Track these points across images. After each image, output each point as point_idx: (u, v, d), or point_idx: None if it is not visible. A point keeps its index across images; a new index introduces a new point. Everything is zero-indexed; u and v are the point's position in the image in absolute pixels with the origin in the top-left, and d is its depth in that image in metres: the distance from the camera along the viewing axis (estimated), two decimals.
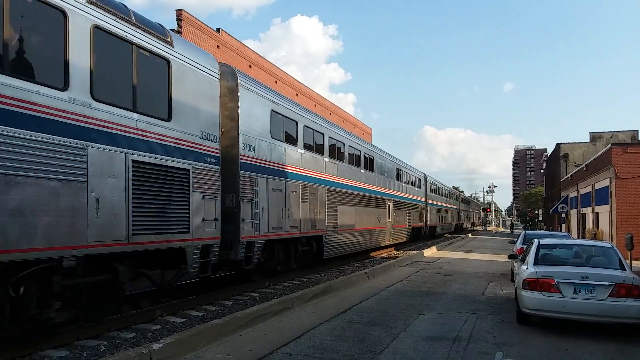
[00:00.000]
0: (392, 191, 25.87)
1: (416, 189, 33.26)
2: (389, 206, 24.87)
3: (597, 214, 29.21)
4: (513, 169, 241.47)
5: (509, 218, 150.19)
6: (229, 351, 6.82)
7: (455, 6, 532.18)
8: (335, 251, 17.14)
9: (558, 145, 51.34)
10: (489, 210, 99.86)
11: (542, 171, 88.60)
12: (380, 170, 23.77)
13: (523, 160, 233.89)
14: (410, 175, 31.56)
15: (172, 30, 8.95)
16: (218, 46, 28.80)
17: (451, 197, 53.72)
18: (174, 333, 7.28)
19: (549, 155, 71.70)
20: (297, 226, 13.87)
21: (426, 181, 37.14)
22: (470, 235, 53.19)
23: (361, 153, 20.67)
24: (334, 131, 17.68)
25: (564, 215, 41.63)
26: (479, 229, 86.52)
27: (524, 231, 20.01)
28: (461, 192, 79.11)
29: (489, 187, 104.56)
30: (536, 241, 10.14)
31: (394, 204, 26.05)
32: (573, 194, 37.92)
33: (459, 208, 61.26)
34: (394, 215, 25.83)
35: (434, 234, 41.35)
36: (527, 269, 8.89)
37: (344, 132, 19.36)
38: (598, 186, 28.37)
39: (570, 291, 8.05)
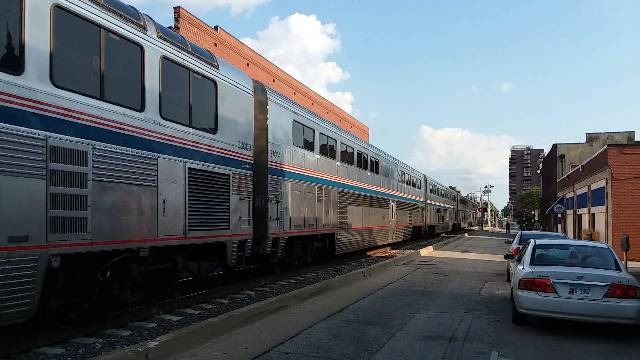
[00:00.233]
0: (395, 192, 27.05)
1: (417, 189, 34.37)
2: (392, 206, 26.03)
3: (593, 214, 29.30)
4: (510, 169, 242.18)
5: (505, 218, 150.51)
6: (225, 349, 6.81)
7: (454, 6, 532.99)
8: (345, 248, 18.48)
9: (555, 146, 51.48)
10: (481, 209, 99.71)
11: (538, 171, 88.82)
12: (385, 173, 25.06)
13: (520, 160, 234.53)
14: (412, 177, 32.82)
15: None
16: (215, 44, 28.70)
17: (449, 198, 54.70)
18: (170, 331, 7.26)
19: (545, 155, 71.89)
20: (314, 224, 15.34)
21: (426, 182, 38.30)
22: (466, 235, 53.29)
23: (368, 157, 22.08)
24: (345, 137, 19.25)
25: (560, 215, 41.75)
26: (476, 228, 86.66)
27: (520, 231, 20.05)
28: (458, 192, 79.33)
29: (486, 187, 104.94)
30: (532, 241, 10.17)
31: (397, 204, 27.19)
32: (569, 195, 38.03)
33: (457, 208, 62.25)
34: (396, 215, 26.93)
35: (433, 233, 42.33)
36: (523, 269, 8.91)
37: (353, 138, 20.89)
38: (594, 187, 28.46)
39: (566, 291, 8.07)
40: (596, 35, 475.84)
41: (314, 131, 15.67)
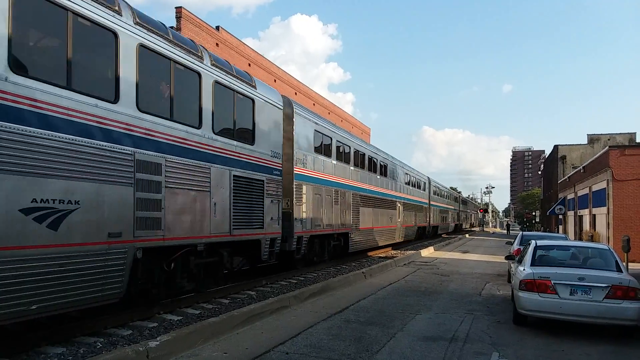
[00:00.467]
0: (401, 194, 28.49)
1: (421, 191, 35.74)
2: (399, 207, 27.45)
3: (594, 215, 29.27)
4: (511, 170, 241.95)
5: (506, 219, 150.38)
6: (225, 349, 6.82)
7: (456, 7, 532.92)
8: (358, 246, 20.03)
9: (556, 147, 51.41)
10: (481, 210, 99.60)
11: (539, 173, 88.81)
12: (393, 176, 26.59)
13: (521, 161, 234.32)
14: (417, 179, 34.31)
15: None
16: (217, 44, 28.72)
17: (451, 199, 55.67)
18: (170, 331, 7.28)
19: (546, 156, 71.84)
20: (331, 224, 16.91)
21: (430, 184, 39.65)
22: (467, 235, 53.23)
23: (377, 161, 23.55)
24: (357, 143, 20.81)
25: (561, 216, 41.71)
26: (477, 229, 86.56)
27: (521, 232, 20.04)
28: (459, 193, 79.32)
29: (487, 188, 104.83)
30: (533, 242, 10.15)
31: (403, 205, 28.62)
32: (570, 196, 37.98)
33: (458, 209, 63.18)
34: (403, 215, 28.35)
35: (436, 233, 43.54)
36: (524, 270, 8.90)
37: (364, 143, 22.30)
38: (595, 188, 28.43)
39: (567, 292, 8.07)
40: (597, 36, 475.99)
41: (331, 139, 17.26)
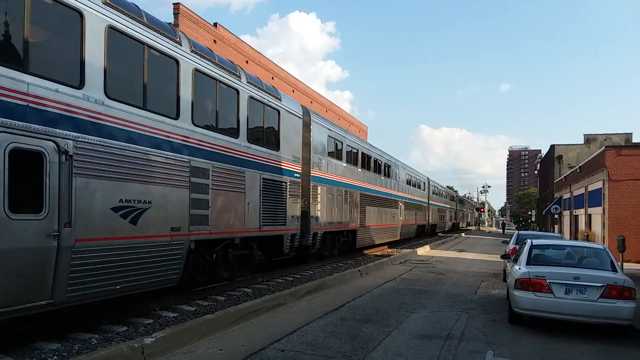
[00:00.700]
0: (403, 194, 29.91)
1: (421, 191, 37.22)
2: (400, 207, 28.83)
3: (590, 215, 29.37)
4: (507, 169, 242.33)
5: (502, 218, 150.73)
6: (221, 346, 6.82)
7: (455, 6, 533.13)
8: (364, 242, 21.62)
9: (552, 147, 51.53)
10: (482, 210, 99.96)
11: (536, 172, 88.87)
12: (395, 176, 28.06)
13: (517, 161, 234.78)
14: (417, 179, 35.92)
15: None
16: (215, 41, 28.64)
17: (448, 198, 56.83)
18: (166, 327, 7.28)
19: (543, 156, 71.96)
20: (341, 222, 18.37)
21: (429, 184, 41.26)
22: (463, 234, 53.37)
23: (382, 162, 24.99)
24: (364, 146, 22.37)
25: (556, 216, 41.84)
26: (473, 228, 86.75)
27: (517, 231, 20.10)
28: (456, 191, 79.54)
29: (483, 187, 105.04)
30: (529, 241, 10.18)
31: (405, 204, 30.03)
32: (566, 196, 38.11)
33: (456, 208, 64.22)
34: (404, 214, 29.79)
35: (434, 231, 44.93)
36: (520, 269, 8.92)
37: (370, 146, 23.72)
38: (591, 188, 28.52)
39: (562, 292, 8.10)
40: (595, 37, 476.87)
41: (342, 143, 18.83)
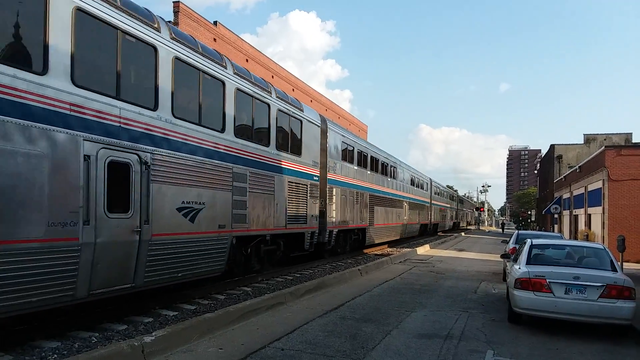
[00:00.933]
0: (407, 194, 31.29)
1: (424, 191, 38.58)
2: (405, 207, 30.29)
3: (590, 215, 29.38)
4: (507, 169, 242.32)
5: (502, 218, 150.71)
6: (221, 345, 6.82)
7: (455, 6, 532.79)
8: (372, 240, 22.96)
9: (552, 147, 51.54)
10: (481, 209, 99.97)
11: (535, 172, 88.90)
12: (400, 178, 29.43)
13: (517, 160, 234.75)
14: (420, 180, 37.34)
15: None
16: (215, 39, 28.61)
17: (449, 198, 57.82)
18: (166, 326, 7.27)
19: (543, 156, 71.95)
20: (353, 221, 19.73)
21: (431, 185, 42.78)
22: (463, 234, 53.40)
23: (388, 165, 26.31)
24: (373, 150, 23.72)
25: (556, 216, 41.84)
26: (473, 228, 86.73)
27: (517, 231, 20.11)
28: (455, 191, 79.61)
29: (483, 186, 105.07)
30: (529, 241, 10.18)
31: (409, 204, 31.51)
32: (566, 195, 38.11)
33: (456, 208, 65.07)
34: (408, 214, 31.24)
35: (436, 230, 46.04)
36: (520, 268, 8.93)
37: (378, 150, 24.86)
38: (591, 188, 28.53)
39: (562, 291, 8.10)
40: (595, 37, 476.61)
41: (353, 148, 20.21)
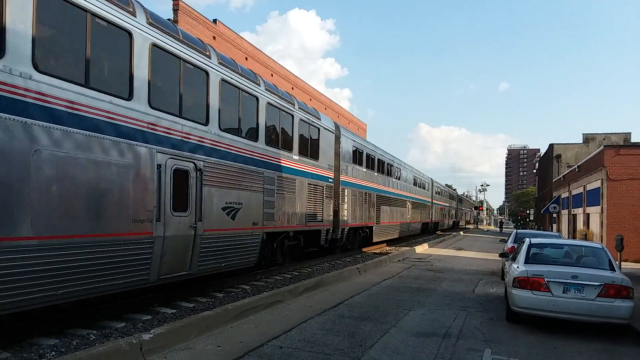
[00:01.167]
0: (410, 194, 32.70)
1: (425, 191, 40.01)
2: (408, 206, 31.71)
3: (588, 214, 29.40)
4: (506, 168, 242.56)
5: (500, 217, 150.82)
6: (219, 342, 6.82)
7: (456, 6, 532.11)
8: (379, 237, 24.35)
9: (551, 146, 51.53)
10: (480, 208, 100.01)
11: (534, 171, 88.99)
12: (404, 178, 31.05)
13: (516, 159, 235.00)
14: (422, 181, 38.85)
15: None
16: (214, 37, 28.56)
17: (449, 197, 59.04)
18: (164, 323, 7.28)
19: (541, 155, 71.99)
20: (362, 219, 21.07)
21: (432, 185, 44.38)
22: (461, 233, 53.38)
23: (392, 166, 27.83)
24: (380, 153, 25.18)
25: (555, 215, 41.88)
26: (471, 227, 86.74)
27: (515, 230, 20.13)
28: (454, 190, 79.70)
29: (482, 185, 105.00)
30: (527, 240, 10.19)
31: (412, 204, 32.92)
32: (565, 195, 38.14)
33: (456, 207, 66.05)
34: (411, 213, 32.66)
35: (436, 228, 47.31)
36: (518, 267, 8.94)
37: (383, 152, 26.16)
38: (590, 187, 28.55)
39: (560, 290, 8.11)
40: (595, 37, 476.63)
41: (363, 151, 21.70)
